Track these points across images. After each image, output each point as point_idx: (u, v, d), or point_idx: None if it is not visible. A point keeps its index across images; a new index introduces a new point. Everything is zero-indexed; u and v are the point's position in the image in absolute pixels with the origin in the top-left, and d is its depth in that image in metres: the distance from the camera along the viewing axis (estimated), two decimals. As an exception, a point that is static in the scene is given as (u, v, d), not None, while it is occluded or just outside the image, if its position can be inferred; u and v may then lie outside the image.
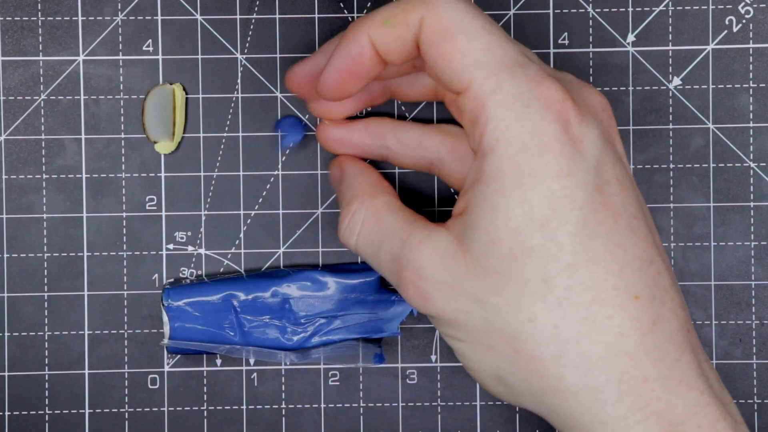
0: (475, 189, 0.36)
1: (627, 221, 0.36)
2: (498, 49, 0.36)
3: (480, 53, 0.36)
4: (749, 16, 0.47)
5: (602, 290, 0.35)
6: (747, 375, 0.47)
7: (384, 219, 0.40)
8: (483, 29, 0.36)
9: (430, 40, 0.37)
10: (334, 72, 0.39)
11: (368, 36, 0.38)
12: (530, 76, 0.36)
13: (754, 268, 0.47)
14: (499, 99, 0.36)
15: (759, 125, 0.47)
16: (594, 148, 0.36)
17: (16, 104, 0.47)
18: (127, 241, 0.47)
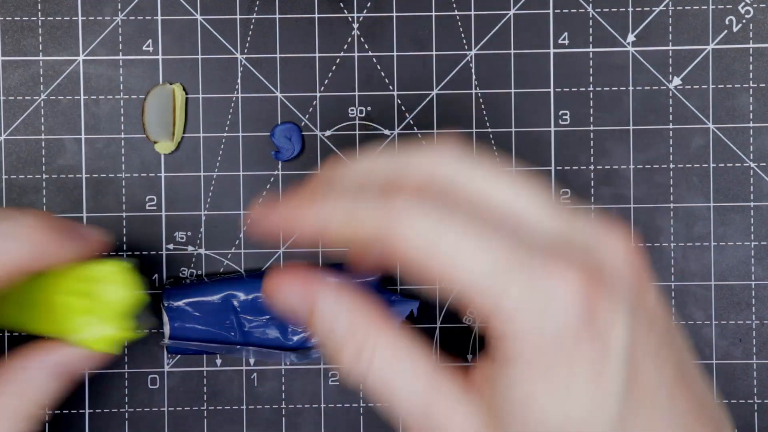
0: (503, 370, 0.32)
1: (665, 400, 0.33)
2: (486, 252, 0.31)
3: (468, 263, 0.31)
4: (749, 16, 0.47)
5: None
6: (747, 375, 0.47)
7: (403, 361, 0.34)
8: (463, 234, 0.31)
9: (403, 260, 0.32)
10: (269, 221, 0.35)
11: (320, 226, 0.33)
12: (538, 271, 0.31)
13: (754, 268, 0.47)
14: (513, 296, 0.31)
15: (759, 125, 0.47)
16: (623, 334, 0.32)
17: (16, 104, 0.47)
18: (127, 241, 0.47)
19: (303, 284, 0.34)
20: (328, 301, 0.34)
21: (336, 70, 0.48)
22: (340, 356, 0.34)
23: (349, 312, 0.34)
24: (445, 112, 0.48)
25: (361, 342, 0.34)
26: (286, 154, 0.47)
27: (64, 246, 0.37)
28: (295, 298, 0.34)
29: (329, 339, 0.34)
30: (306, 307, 0.34)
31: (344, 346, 0.34)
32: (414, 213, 0.32)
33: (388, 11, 0.47)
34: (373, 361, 0.33)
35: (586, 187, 0.47)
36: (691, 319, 0.47)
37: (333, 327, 0.34)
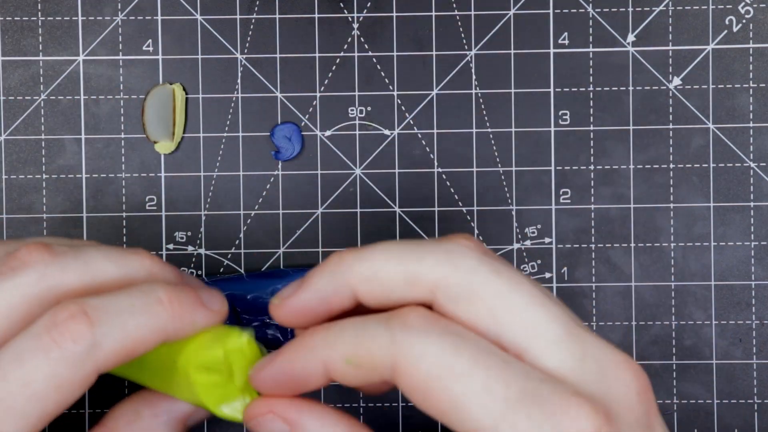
0: None
1: None
2: (497, 384, 0.30)
3: (477, 398, 0.30)
4: (749, 16, 0.47)
5: None
6: (747, 375, 0.47)
7: None
8: (472, 365, 0.31)
9: (411, 391, 0.31)
10: (273, 381, 0.34)
11: (324, 366, 0.33)
12: (549, 409, 0.30)
13: (754, 268, 0.47)
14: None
15: (759, 125, 0.47)
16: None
17: (16, 104, 0.47)
18: (127, 241, 0.47)
19: (282, 419, 0.34)
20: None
21: (336, 70, 0.48)
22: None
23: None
24: (445, 112, 0.48)
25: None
26: (286, 154, 0.47)
27: (195, 320, 0.35)
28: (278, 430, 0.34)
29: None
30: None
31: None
32: (424, 339, 0.31)
33: (388, 11, 0.47)
34: None
35: (586, 187, 0.47)
36: (691, 319, 0.47)
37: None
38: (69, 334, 0.33)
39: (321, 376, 0.33)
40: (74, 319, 0.33)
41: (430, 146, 0.48)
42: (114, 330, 0.33)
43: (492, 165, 0.48)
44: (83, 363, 0.33)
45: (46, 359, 0.32)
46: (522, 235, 0.48)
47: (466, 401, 0.30)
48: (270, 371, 0.34)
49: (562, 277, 0.47)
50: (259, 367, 0.34)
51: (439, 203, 0.48)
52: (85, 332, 0.33)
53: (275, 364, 0.34)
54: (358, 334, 0.32)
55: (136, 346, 0.34)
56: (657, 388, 0.47)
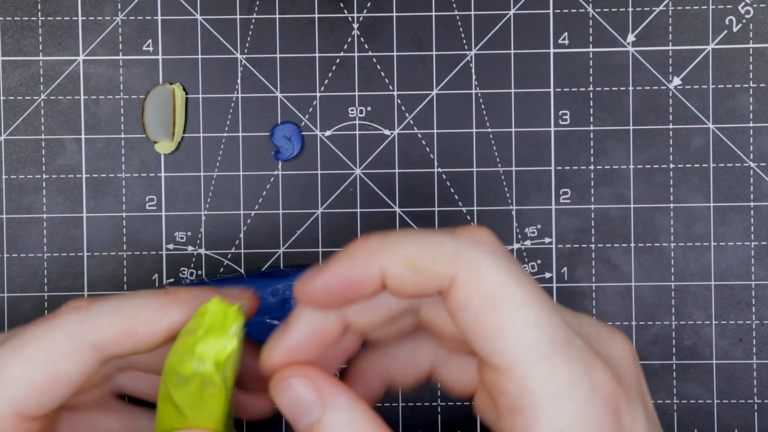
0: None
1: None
2: (547, 326, 0.31)
3: (527, 331, 0.31)
4: (749, 16, 0.47)
5: None
6: (747, 375, 0.47)
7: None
8: (529, 299, 0.31)
9: (465, 305, 0.31)
10: (324, 290, 0.33)
11: (381, 269, 0.32)
12: (583, 360, 0.32)
13: (754, 268, 0.47)
14: (554, 390, 0.31)
15: (759, 125, 0.47)
16: (643, 422, 0.33)
17: (16, 104, 0.47)
18: (127, 241, 0.47)
19: (314, 386, 0.33)
20: (339, 416, 0.33)
21: (336, 70, 0.48)
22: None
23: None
24: (445, 112, 0.48)
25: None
26: (285, 154, 0.47)
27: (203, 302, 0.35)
28: (304, 399, 0.33)
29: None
30: (312, 414, 0.33)
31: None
32: (491, 257, 0.32)
33: (388, 11, 0.47)
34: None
35: (586, 187, 0.47)
36: (691, 319, 0.47)
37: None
38: (67, 308, 0.34)
39: (376, 283, 0.32)
40: (76, 300, 0.35)
41: (430, 146, 0.48)
42: (112, 307, 0.34)
43: (492, 165, 0.48)
44: (78, 331, 0.34)
45: (44, 327, 0.34)
46: (522, 235, 0.48)
47: (515, 331, 0.31)
48: (325, 279, 0.33)
49: (562, 277, 0.47)
50: (308, 279, 0.33)
51: (439, 203, 0.48)
52: (83, 305, 0.34)
53: (330, 270, 0.33)
54: (422, 240, 0.32)
55: (135, 326, 0.34)
56: (657, 388, 0.47)
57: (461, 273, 0.32)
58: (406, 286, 0.32)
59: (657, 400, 0.47)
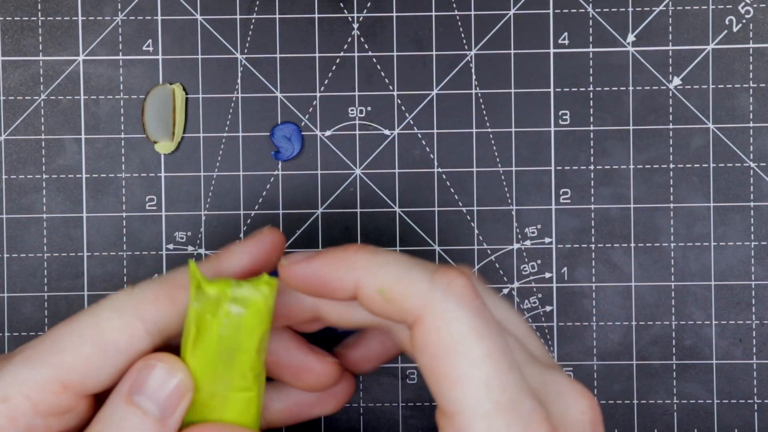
0: None
1: None
2: (496, 386, 0.32)
3: (475, 388, 0.32)
4: (749, 16, 0.47)
5: None
6: (747, 375, 0.47)
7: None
8: (486, 356, 0.32)
9: (424, 348, 0.33)
10: (302, 279, 0.35)
11: (356, 286, 0.34)
12: (524, 424, 0.32)
13: (754, 268, 0.47)
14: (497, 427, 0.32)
15: (759, 125, 0.47)
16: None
17: (16, 104, 0.47)
18: (127, 241, 0.47)
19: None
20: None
21: (336, 70, 0.48)
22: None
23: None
24: (445, 112, 0.48)
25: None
26: (285, 154, 0.47)
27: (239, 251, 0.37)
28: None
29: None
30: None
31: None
32: (459, 307, 0.32)
33: (388, 11, 0.47)
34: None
35: (586, 187, 0.47)
36: (691, 319, 0.47)
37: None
38: (114, 293, 0.35)
39: (348, 293, 0.34)
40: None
41: (430, 146, 0.48)
42: (153, 282, 0.35)
43: (492, 165, 0.48)
44: (123, 307, 0.34)
45: (95, 307, 0.35)
46: (522, 235, 0.48)
47: (463, 384, 0.32)
48: (303, 269, 0.35)
49: (562, 277, 0.47)
50: (294, 260, 0.35)
51: (439, 203, 0.48)
52: (128, 289, 0.35)
53: (312, 264, 0.34)
54: (401, 272, 0.33)
55: (175, 292, 0.35)
56: (657, 388, 0.47)
57: (426, 317, 0.33)
58: (374, 308, 0.34)
59: (657, 400, 0.47)
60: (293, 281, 0.35)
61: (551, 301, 0.47)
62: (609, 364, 0.47)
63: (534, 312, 0.47)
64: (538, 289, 0.48)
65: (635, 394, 0.47)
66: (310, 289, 0.35)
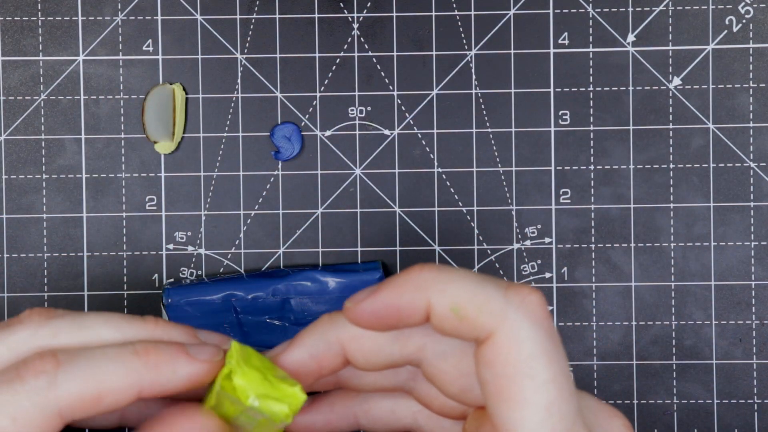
0: None
1: None
2: (557, 413, 0.32)
3: (536, 412, 0.32)
4: (749, 16, 0.47)
5: None
6: (747, 375, 0.47)
7: None
8: (551, 380, 0.32)
9: (491, 364, 0.32)
10: (372, 314, 0.34)
11: (428, 306, 0.33)
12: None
13: (754, 268, 0.47)
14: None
15: (759, 125, 0.47)
16: None
17: (16, 104, 0.47)
18: (127, 241, 0.47)
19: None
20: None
21: (336, 70, 0.48)
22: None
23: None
24: (445, 112, 0.48)
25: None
26: (285, 154, 0.47)
27: (175, 369, 0.34)
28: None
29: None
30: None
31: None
32: (534, 326, 0.32)
33: (388, 11, 0.47)
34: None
35: (586, 187, 0.47)
36: (691, 319, 0.47)
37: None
38: (33, 370, 0.33)
39: (422, 316, 0.33)
40: (42, 358, 0.33)
41: (430, 146, 0.48)
42: (79, 371, 0.33)
43: (492, 165, 0.48)
44: (44, 401, 0.33)
45: (9, 392, 0.33)
46: (522, 235, 0.48)
47: (525, 407, 0.32)
48: (372, 303, 0.33)
49: (562, 277, 0.47)
50: (359, 299, 0.34)
51: (439, 203, 0.48)
52: (48, 368, 0.33)
53: (379, 296, 0.33)
54: (474, 288, 0.32)
55: (103, 393, 0.33)
56: (657, 388, 0.47)
57: (499, 333, 0.32)
58: (446, 327, 0.33)
59: (657, 400, 0.47)
60: (363, 320, 0.34)
61: (551, 301, 0.47)
62: (609, 364, 0.47)
63: (534, 312, 0.47)
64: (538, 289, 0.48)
65: (635, 394, 0.47)
66: (382, 322, 0.34)
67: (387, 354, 0.35)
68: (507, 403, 0.32)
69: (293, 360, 0.35)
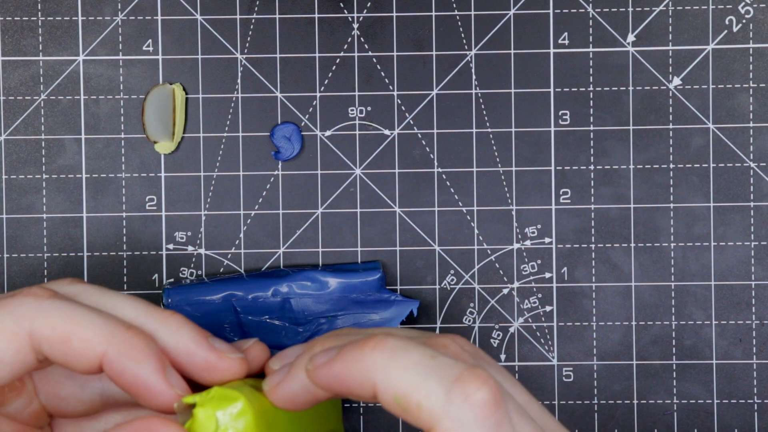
0: None
1: None
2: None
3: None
4: (749, 16, 0.47)
5: None
6: (747, 375, 0.47)
7: None
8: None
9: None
10: (323, 382, 0.35)
11: (373, 388, 0.33)
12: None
13: (754, 268, 0.47)
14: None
15: (759, 125, 0.47)
16: None
17: (16, 104, 0.47)
18: (127, 241, 0.47)
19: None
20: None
21: (336, 70, 0.48)
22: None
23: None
24: (445, 112, 0.48)
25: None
26: (285, 154, 0.47)
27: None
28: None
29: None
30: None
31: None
32: (475, 425, 0.32)
33: (388, 11, 0.47)
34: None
35: (586, 187, 0.47)
36: (691, 319, 0.47)
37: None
38: (28, 291, 0.35)
39: (369, 395, 0.34)
40: (43, 287, 0.35)
41: (430, 146, 0.48)
42: (63, 309, 0.34)
43: (492, 165, 0.48)
44: (22, 317, 0.34)
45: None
46: (522, 235, 0.48)
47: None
48: (326, 374, 0.34)
49: (562, 277, 0.47)
50: (317, 365, 0.35)
51: (439, 203, 0.48)
52: (43, 294, 0.35)
53: (332, 369, 0.34)
54: (418, 380, 0.32)
55: (72, 336, 0.34)
56: (657, 388, 0.47)
57: (437, 430, 0.32)
58: (392, 411, 0.33)
59: (657, 400, 0.47)
60: (319, 385, 0.35)
61: (551, 301, 0.47)
62: (609, 364, 0.47)
63: (534, 312, 0.47)
64: (538, 289, 0.48)
65: (635, 394, 0.47)
66: (334, 392, 0.35)
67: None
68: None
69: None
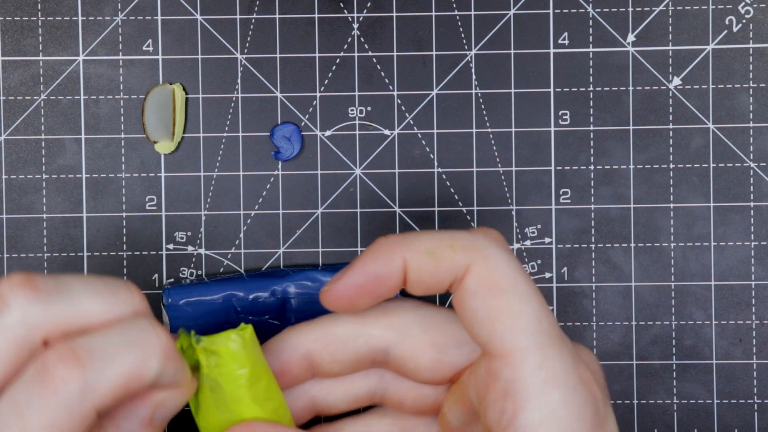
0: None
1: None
2: (545, 319, 0.34)
3: (529, 320, 0.34)
4: (749, 16, 0.47)
5: None
6: (747, 375, 0.47)
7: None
8: (532, 294, 0.34)
9: (476, 290, 0.34)
10: (352, 288, 0.35)
11: (404, 260, 0.35)
12: (571, 354, 0.34)
13: (754, 268, 0.47)
14: (544, 377, 0.34)
15: (759, 125, 0.47)
16: (614, 426, 0.36)
17: (16, 104, 0.47)
18: (127, 241, 0.47)
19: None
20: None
21: (336, 70, 0.48)
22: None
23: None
24: (445, 112, 0.48)
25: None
26: (285, 155, 0.47)
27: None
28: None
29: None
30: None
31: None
32: (501, 250, 0.35)
33: (388, 11, 0.47)
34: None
35: (586, 187, 0.47)
36: (691, 319, 0.47)
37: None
38: (61, 378, 0.32)
39: (400, 275, 0.35)
40: (64, 361, 0.32)
41: (430, 146, 0.48)
42: (107, 368, 0.33)
43: (492, 165, 0.48)
44: (80, 405, 0.32)
45: (43, 407, 0.32)
46: (522, 235, 0.48)
47: (517, 318, 0.34)
48: (350, 277, 0.35)
49: (562, 277, 0.48)
50: (334, 280, 0.36)
51: (439, 203, 0.48)
52: (74, 372, 0.32)
53: (355, 270, 0.35)
54: (440, 233, 0.35)
55: (131, 383, 0.33)
56: (657, 388, 0.47)
57: (476, 262, 0.34)
58: (424, 275, 0.35)
59: (657, 400, 0.47)
60: (344, 298, 0.35)
61: (551, 301, 0.47)
62: (609, 364, 0.47)
63: (534, 312, 0.47)
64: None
65: (635, 394, 0.47)
66: (364, 292, 0.35)
67: (353, 348, 0.37)
68: (499, 320, 0.34)
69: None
